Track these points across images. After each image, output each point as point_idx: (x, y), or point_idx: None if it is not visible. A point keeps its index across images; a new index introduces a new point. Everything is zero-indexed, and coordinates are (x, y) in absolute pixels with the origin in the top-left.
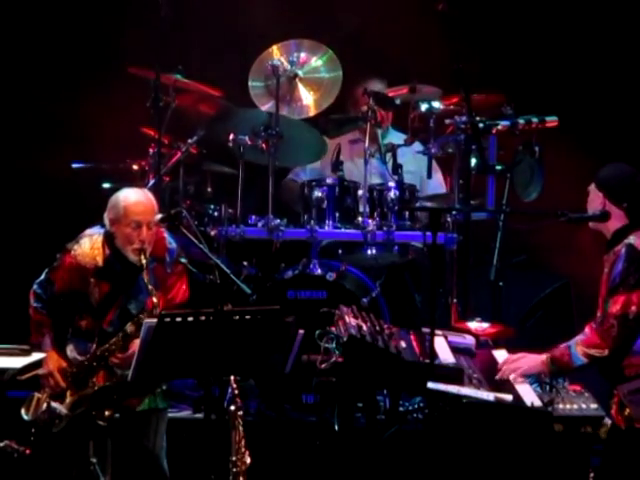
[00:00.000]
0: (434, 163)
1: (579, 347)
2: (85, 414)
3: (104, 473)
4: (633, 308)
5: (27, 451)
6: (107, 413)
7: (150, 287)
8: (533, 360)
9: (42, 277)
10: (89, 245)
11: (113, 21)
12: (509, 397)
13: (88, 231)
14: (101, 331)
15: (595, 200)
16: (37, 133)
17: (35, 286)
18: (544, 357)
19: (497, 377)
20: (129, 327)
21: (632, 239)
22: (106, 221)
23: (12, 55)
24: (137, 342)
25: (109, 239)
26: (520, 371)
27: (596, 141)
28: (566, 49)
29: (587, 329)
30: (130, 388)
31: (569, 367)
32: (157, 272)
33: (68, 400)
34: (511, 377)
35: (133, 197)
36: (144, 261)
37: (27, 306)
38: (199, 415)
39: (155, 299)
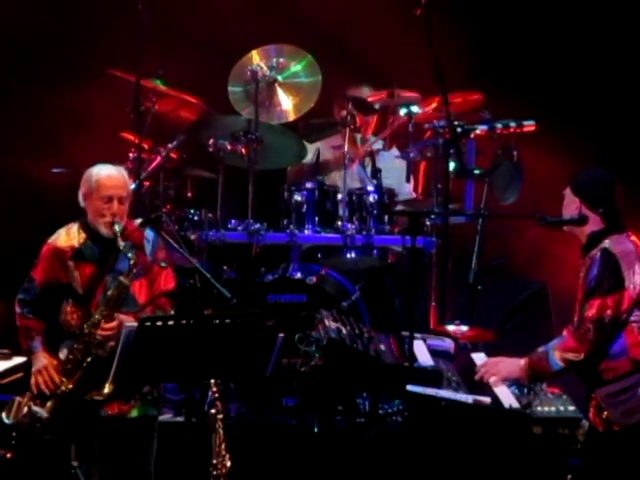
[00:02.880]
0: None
1: (556, 352)
2: (75, 409)
3: (89, 478)
4: (609, 312)
5: (8, 455)
6: (107, 390)
7: (126, 252)
8: (512, 365)
9: (25, 282)
10: (65, 232)
11: (95, 26)
12: (487, 399)
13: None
14: (89, 316)
15: (571, 205)
16: (17, 138)
17: (18, 294)
18: (522, 363)
19: (476, 377)
20: (110, 292)
21: (607, 243)
22: (79, 197)
23: None
24: (123, 317)
25: (85, 225)
26: (499, 376)
27: (574, 145)
28: (543, 53)
29: (565, 333)
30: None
31: (547, 372)
32: (139, 259)
33: (49, 404)
34: (491, 380)
35: (105, 171)
36: (118, 229)
37: (9, 310)
38: (180, 418)
39: (132, 261)
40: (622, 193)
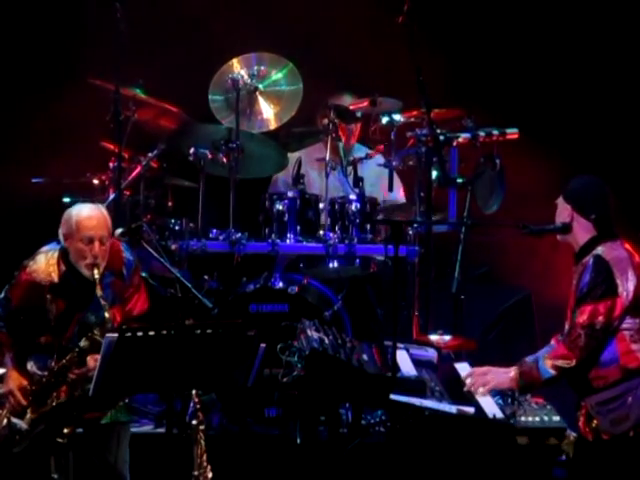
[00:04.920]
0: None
1: (547, 360)
2: (45, 431)
3: None
4: (600, 318)
5: None
6: (66, 430)
7: (103, 302)
8: (502, 376)
9: (1, 295)
10: (44, 261)
11: (74, 34)
12: (471, 409)
13: (44, 247)
14: (60, 347)
15: (563, 212)
16: None
17: None
18: (512, 373)
19: (465, 389)
20: (83, 343)
21: (600, 250)
22: (60, 237)
23: None
24: (95, 357)
25: (65, 255)
26: (489, 387)
27: (557, 153)
28: (527, 61)
29: (553, 341)
30: (91, 403)
31: (538, 381)
32: (115, 286)
33: (29, 416)
34: (479, 391)
35: (85, 212)
36: (97, 276)
37: None
38: (161, 430)
39: (107, 314)
40: (614, 200)
